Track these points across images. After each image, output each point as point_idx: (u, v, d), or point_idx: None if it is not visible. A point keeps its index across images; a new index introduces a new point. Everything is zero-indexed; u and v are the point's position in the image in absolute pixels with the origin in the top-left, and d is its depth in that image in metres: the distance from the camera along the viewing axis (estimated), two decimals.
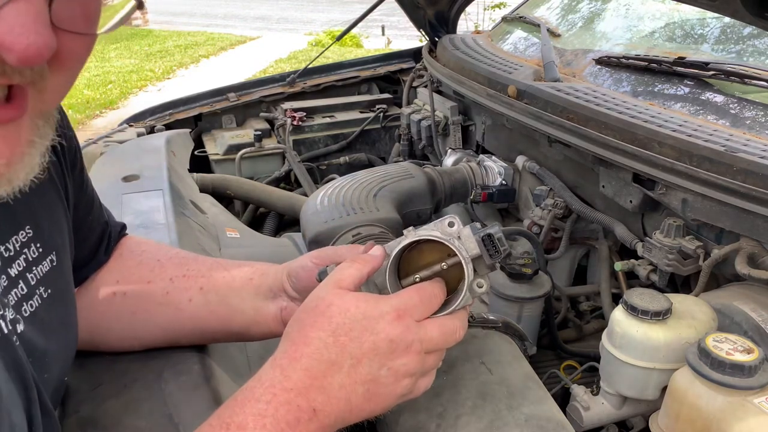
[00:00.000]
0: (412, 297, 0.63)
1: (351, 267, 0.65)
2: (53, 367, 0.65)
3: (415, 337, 0.61)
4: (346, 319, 0.60)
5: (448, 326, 0.64)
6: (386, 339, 0.60)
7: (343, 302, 0.61)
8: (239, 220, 1.90)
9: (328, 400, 0.58)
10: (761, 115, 1.17)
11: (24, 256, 0.63)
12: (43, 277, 0.65)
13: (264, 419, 0.55)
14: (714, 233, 1.16)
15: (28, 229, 0.64)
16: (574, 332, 1.49)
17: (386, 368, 0.60)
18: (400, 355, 0.61)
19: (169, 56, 9.99)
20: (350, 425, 0.63)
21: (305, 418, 0.56)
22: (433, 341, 0.63)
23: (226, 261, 0.90)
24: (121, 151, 1.81)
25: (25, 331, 0.59)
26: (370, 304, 0.61)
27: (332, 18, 14.00)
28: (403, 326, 0.61)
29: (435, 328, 0.63)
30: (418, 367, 0.62)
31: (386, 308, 0.61)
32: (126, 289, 0.84)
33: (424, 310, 0.63)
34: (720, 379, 0.82)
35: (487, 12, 7.79)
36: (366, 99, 2.62)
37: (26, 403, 0.55)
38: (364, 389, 0.60)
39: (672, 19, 1.66)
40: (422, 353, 0.62)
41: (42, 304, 0.64)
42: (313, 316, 0.61)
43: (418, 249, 0.69)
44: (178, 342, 0.86)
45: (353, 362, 0.59)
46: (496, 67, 1.69)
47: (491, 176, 1.70)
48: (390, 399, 0.62)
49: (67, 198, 0.75)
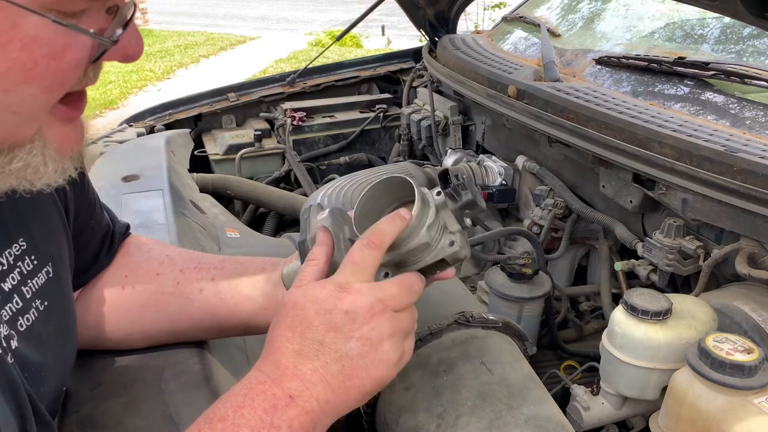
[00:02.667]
0: (345, 265, 0.64)
1: (307, 265, 0.67)
2: (50, 379, 0.65)
3: (371, 299, 0.62)
4: (298, 311, 0.62)
5: (405, 280, 0.65)
6: (340, 313, 0.61)
7: (293, 298, 0.64)
8: (239, 220, 1.90)
9: (303, 385, 0.59)
10: (761, 115, 1.17)
11: (18, 270, 0.63)
12: (39, 289, 0.65)
13: (242, 409, 0.57)
14: (714, 233, 1.16)
15: (21, 241, 0.64)
16: (574, 332, 1.49)
17: (354, 339, 0.61)
18: (364, 321, 0.61)
19: (169, 56, 9.98)
20: (349, 425, 0.63)
21: (282, 404, 0.58)
22: (395, 298, 0.63)
23: (237, 256, 0.90)
24: (121, 151, 1.81)
25: (20, 346, 0.59)
26: (316, 289, 0.63)
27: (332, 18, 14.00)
28: (352, 294, 0.62)
29: (392, 285, 0.64)
30: (394, 326, 0.63)
31: (330, 286, 0.63)
32: (135, 283, 0.84)
33: (362, 270, 0.64)
34: (720, 379, 0.82)
35: (487, 12, 7.79)
36: (366, 99, 2.62)
37: (20, 421, 0.56)
38: (338, 366, 0.60)
39: (672, 19, 1.66)
40: (389, 311, 0.62)
41: (38, 318, 0.64)
42: (276, 319, 0.64)
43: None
44: (185, 334, 0.86)
45: (317, 346, 0.61)
46: (496, 67, 1.69)
47: (491, 176, 1.70)
48: (378, 369, 0.62)
49: (66, 206, 0.75)
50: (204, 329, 0.86)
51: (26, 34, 0.46)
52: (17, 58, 0.47)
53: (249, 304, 0.82)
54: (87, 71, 0.54)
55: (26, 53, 0.47)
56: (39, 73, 0.48)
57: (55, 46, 0.48)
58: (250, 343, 1.06)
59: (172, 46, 10.78)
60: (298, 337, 0.61)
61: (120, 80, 8.24)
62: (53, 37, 0.48)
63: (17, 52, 0.46)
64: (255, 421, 0.56)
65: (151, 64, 9.35)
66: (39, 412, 0.59)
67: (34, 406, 0.58)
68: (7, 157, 0.52)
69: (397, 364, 0.64)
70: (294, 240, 1.63)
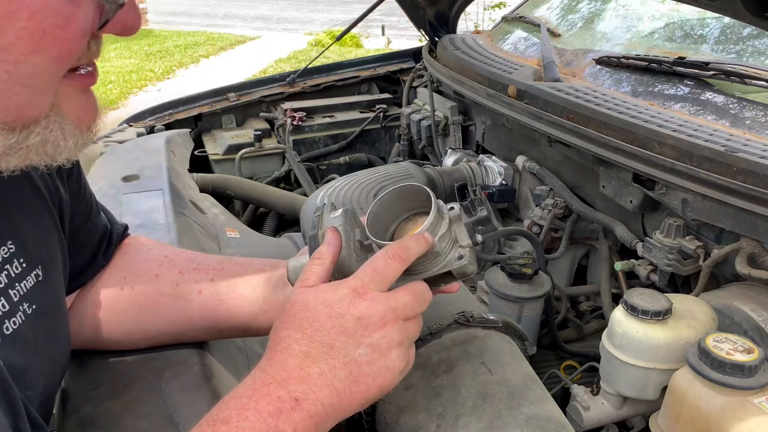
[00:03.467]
0: (365, 271, 0.64)
1: (312, 264, 0.67)
2: (37, 383, 0.64)
3: (385, 307, 0.62)
4: (308, 312, 0.62)
5: (417, 289, 0.65)
6: (352, 318, 0.61)
7: (303, 298, 0.63)
8: (239, 220, 1.90)
9: (309, 388, 0.58)
10: (761, 115, 1.17)
11: (6, 272, 0.62)
12: (27, 292, 0.65)
13: (246, 412, 0.56)
14: (714, 233, 1.16)
15: (9, 244, 0.64)
16: (574, 332, 1.49)
17: (364, 346, 0.61)
18: (376, 329, 0.61)
19: (169, 56, 9.98)
20: (349, 425, 0.63)
21: (287, 407, 0.57)
22: (407, 306, 0.63)
23: (236, 257, 0.90)
24: (121, 151, 1.81)
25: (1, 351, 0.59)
26: (329, 292, 0.62)
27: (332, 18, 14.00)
28: (367, 301, 0.61)
29: (405, 294, 0.64)
30: (402, 335, 0.62)
31: (344, 290, 0.62)
32: (134, 284, 0.84)
33: (382, 279, 0.63)
34: (720, 379, 0.82)
35: (487, 12, 7.79)
36: (366, 99, 2.62)
37: (13, 420, 0.55)
38: (346, 372, 0.60)
39: (672, 19, 1.66)
40: (399, 321, 0.62)
41: (25, 321, 0.63)
42: (282, 319, 0.63)
43: (413, 221, 0.70)
44: (184, 335, 0.86)
45: (326, 349, 0.60)
46: (496, 67, 1.69)
47: (491, 176, 1.70)
48: (384, 376, 0.62)
49: (62, 209, 0.75)
50: (203, 330, 0.86)
51: (34, 1, 0.47)
52: (26, 27, 0.47)
53: (248, 306, 0.82)
54: (90, 44, 0.55)
55: (35, 22, 0.47)
56: (48, 42, 0.49)
57: (61, 16, 0.49)
58: (250, 344, 1.06)
59: (172, 46, 10.78)
60: (308, 339, 0.60)
61: (120, 80, 8.23)
62: (59, 6, 0.49)
63: (26, 21, 0.47)
64: (260, 425, 0.56)
65: (151, 64, 9.35)
66: (30, 414, 0.59)
67: (25, 408, 0.58)
68: (23, 133, 0.53)
69: (402, 373, 0.64)
70: (294, 240, 1.63)
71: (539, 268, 1.35)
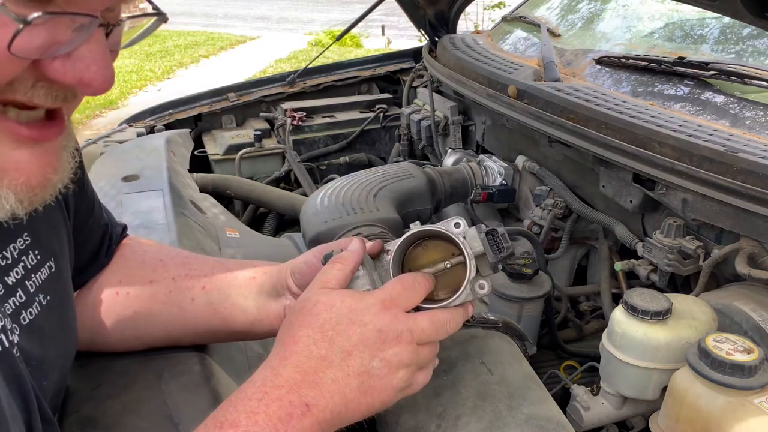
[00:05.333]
0: (394, 287, 0.64)
1: (333, 267, 0.66)
2: (51, 373, 0.65)
3: (404, 326, 0.62)
4: (332, 314, 0.61)
5: (439, 318, 0.65)
6: (374, 329, 0.61)
7: (328, 299, 0.62)
8: (239, 220, 1.90)
9: (321, 394, 0.58)
10: (761, 115, 1.17)
11: (22, 264, 0.63)
12: (42, 284, 0.65)
13: (256, 416, 0.55)
14: (714, 233, 1.16)
15: (26, 236, 0.64)
16: (574, 332, 1.49)
17: (378, 359, 0.60)
18: (391, 345, 0.61)
19: (169, 56, 9.99)
20: (349, 425, 0.63)
21: (298, 413, 0.56)
22: (424, 332, 0.63)
23: (229, 260, 0.89)
24: (121, 151, 1.81)
25: (21, 340, 0.59)
26: (356, 298, 0.62)
27: (332, 18, 14.00)
28: (390, 316, 0.61)
29: (425, 319, 0.64)
30: (412, 358, 0.62)
31: (371, 300, 0.62)
32: (128, 289, 0.84)
33: (409, 297, 0.64)
34: (720, 379, 0.82)
35: (487, 12, 7.79)
36: (366, 99, 2.62)
37: (26, 415, 0.56)
38: (358, 382, 0.60)
39: (672, 19, 1.66)
40: (414, 343, 0.62)
41: (41, 312, 0.64)
42: (301, 316, 0.62)
43: (423, 247, 0.70)
44: (180, 341, 0.85)
45: (344, 356, 0.60)
46: (496, 67, 1.69)
47: (491, 176, 1.70)
48: (387, 393, 0.62)
49: (67, 203, 0.75)
50: (199, 336, 0.86)
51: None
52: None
53: (242, 315, 0.82)
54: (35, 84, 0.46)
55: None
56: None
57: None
58: (250, 344, 1.06)
59: (172, 46, 10.79)
60: (327, 341, 0.60)
61: (120, 80, 8.24)
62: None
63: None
64: (269, 430, 0.55)
65: (151, 64, 9.36)
66: (42, 407, 0.59)
67: (38, 402, 0.58)
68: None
69: (402, 393, 0.64)
70: (294, 240, 1.63)
71: (539, 268, 1.35)
